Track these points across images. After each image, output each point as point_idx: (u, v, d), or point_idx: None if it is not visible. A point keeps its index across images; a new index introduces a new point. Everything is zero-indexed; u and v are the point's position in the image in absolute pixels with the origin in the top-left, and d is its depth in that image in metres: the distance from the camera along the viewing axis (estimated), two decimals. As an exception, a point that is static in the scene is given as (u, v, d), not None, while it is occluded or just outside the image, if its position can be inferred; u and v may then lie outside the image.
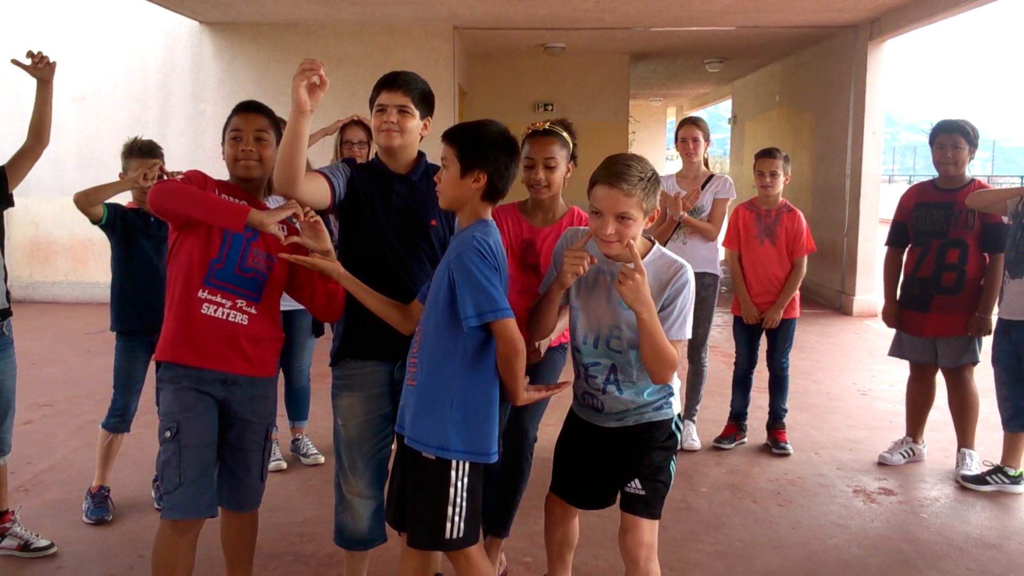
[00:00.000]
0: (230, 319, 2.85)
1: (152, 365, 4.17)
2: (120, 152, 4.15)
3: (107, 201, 4.02)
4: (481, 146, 2.58)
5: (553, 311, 2.83)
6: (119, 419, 4.13)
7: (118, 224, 4.05)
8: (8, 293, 3.68)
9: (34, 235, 10.34)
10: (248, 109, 2.99)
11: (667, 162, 26.96)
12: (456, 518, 2.54)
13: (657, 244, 2.77)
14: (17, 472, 4.38)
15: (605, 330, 2.76)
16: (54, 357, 7.55)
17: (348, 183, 2.97)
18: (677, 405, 2.86)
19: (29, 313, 9.39)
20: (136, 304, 4.07)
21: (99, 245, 10.13)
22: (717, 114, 32.25)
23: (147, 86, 10.28)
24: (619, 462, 2.83)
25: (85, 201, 3.89)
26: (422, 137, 3.05)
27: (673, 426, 2.83)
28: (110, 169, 4.05)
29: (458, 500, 2.54)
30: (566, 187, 3.35)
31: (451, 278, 2.51)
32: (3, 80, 9.65)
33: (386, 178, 3.00)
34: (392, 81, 2.93)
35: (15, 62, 3.58)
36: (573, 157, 3.37)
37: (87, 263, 10.41)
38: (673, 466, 2.84)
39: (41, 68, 3.59)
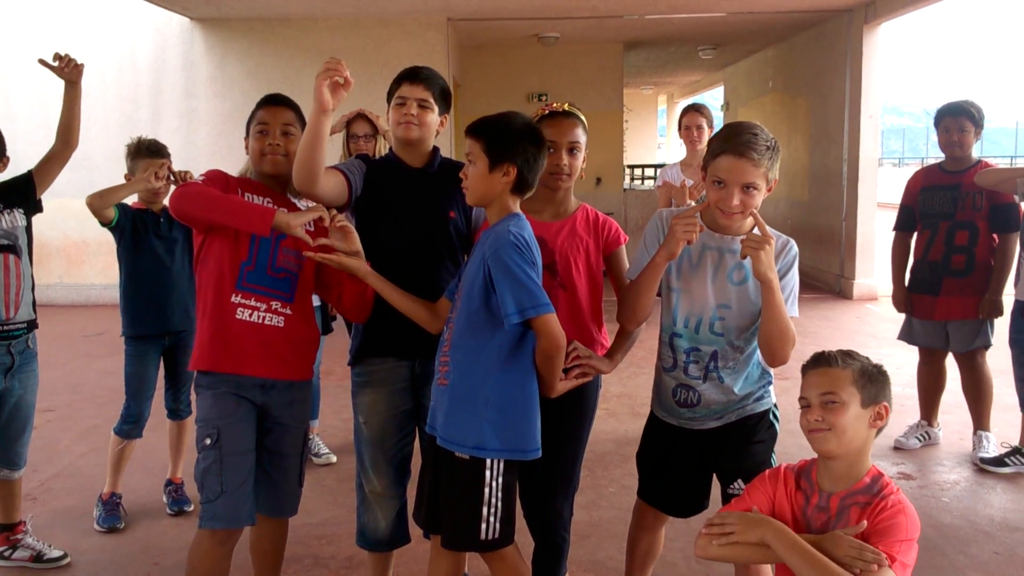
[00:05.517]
0: (266, 322, 2.76)
1: (162, 368, 4.17)
2: (123, 153, 4.06)
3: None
4: (509, 139, 2.51)
5: (654, 289, 2.64)
6: (133, 425, 4.07)
7: (128, 226, 3.96)
8: (35, 303, 3.57)
9: (27, 238, 10.18)
10: (275, 103, 2.90)
11: (658, 150, 26.95)
12: (491, 518, 2.49)
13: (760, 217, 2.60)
14: (24, 480, 4.30)
15: (709, 312, 2.62)
16: (53, 361, 7.42)
17: (365, 178, 2.92)
18: (774, 394, 2.75)
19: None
20: (148, 308, 4.00)
21: (93, 247, 10.02)
22: (707, 102, 32.27)
23: (138, 84, 10.18)
24: (717, 462, 2.71)
25: (100, 203, 3.76)
26: (438, 133, 3.00)
27: (771, 416, 2.72)
28: (102, 170, 3.98)
29: (493, 500, 2.48)
30: (582, 178, 2.97)
31: (486, 274, 2.45)
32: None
33: (403, 172, 2.95)
34: (414, 75, 2.88)
35: (43, 62, 3.46)
36: None
37: (81, 265, 10.30)
38: (774, 459, 2.69)
39: (68, 70, 3.47)
